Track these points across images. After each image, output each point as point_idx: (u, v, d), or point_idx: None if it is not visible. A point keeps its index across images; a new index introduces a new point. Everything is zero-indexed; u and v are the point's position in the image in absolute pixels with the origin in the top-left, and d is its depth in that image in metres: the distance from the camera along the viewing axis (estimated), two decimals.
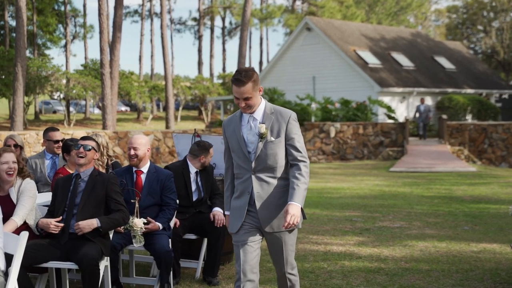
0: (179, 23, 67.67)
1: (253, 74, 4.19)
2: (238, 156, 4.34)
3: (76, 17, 55.69)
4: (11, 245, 4.45)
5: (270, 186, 4.28)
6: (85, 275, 4.91)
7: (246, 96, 4.18)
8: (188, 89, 46.41)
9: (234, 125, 4.36)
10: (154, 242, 5.65)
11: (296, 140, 4.28)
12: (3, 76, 35.00)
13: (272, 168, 4.27)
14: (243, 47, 35.90)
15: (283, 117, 4.27)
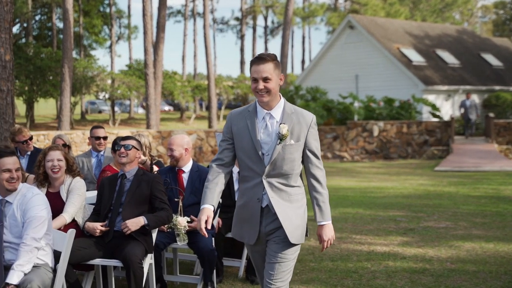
0: (221, 22, 68.06)
1: (276, 57, 3.84)
2: (249, 156, 3.86)
3: (120, 18, 56.62)
4: (59, 242, 4.55)
5: (283, 193, 3.87)
6: (129, 273, 4.98)
7: (265, 76, 3.74)
8: (231, 89, 46.63)
9: (248, 121, 3.88)
10: (198, 241, 5.69)
11: (315, 146, 3.91)
12: (51, 77, 35.82)
13: (287, 175, 3.86)
14: (285, 46, 35.85)
15: (306, 120, 3.88)
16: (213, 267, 5.76)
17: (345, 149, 24.85)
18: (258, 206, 3.87)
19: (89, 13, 47.07)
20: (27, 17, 43.38)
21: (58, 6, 43.12)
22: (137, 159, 5.52)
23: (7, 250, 4.33)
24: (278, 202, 3.84)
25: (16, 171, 4.37)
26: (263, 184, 3.84)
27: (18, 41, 41.09)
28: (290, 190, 3.89)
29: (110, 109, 44.08)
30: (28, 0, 42.31)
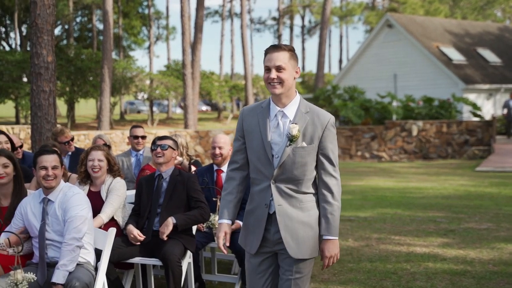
0: (258, 22, 68.14)
1: (293, 48, 3.51)
2: (258, 157, 3.52)
3: (159, 19, 57.21)
4: (100, 240, 4.62)
5: (292, 199, 3.50)
6: (168, 272, 5.03)
7: (279, 65, 3.41)
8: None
9: (259, 118, 3.54)
10: (236, 240, 5.71)
11: (331, 150, 3.52)
12: (91, 77, 36.42)
13: (298, 180, 3.49)
14: (322, 45, 35.70)
15: (321, 120, 3.49)
16: None
17: (383, 149, 24.61)
18: (265, 213, 3.52)
19: (128, 14, 47.69)
20: (68, 19, 44.18)
21: (98, 8, 43.81)
22: (173, 159, 5.55)
23: (50, 248, 4.42)
24: (284, 210, 3.48)
25: (52, 169, 4.44)
26: (270, 189, 3.50)
27: (59, 43, 41.89)
28: (301, 197, 3.52)
29: (148, 109, 44.57)
30: (69, 3, 43.10)
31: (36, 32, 9.35)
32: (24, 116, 38.35)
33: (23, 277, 3.65)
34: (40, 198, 4.49)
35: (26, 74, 33.38)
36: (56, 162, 4.49)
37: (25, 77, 34.21)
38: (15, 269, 3.65)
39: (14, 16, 40.31)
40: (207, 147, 20.91)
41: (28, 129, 19.29)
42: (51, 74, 9.51)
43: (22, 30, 42.61)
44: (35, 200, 4.52)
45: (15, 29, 41.98)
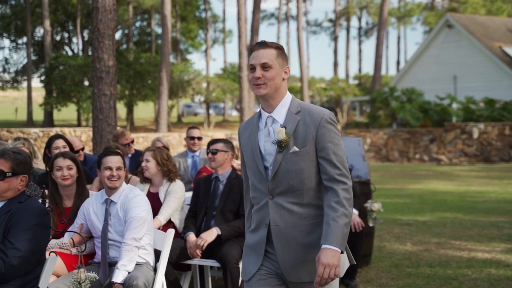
0: (315, 24, 67.91)
1: (282, 46, 3.15)
2: (254, 173, 3.15)
3: (216, 23, 57.76)
4: (159, 241, 4.69)
5: (294, 216, 3.04)
6: (226, 273, 5.06)
7: (264, 62, 3.04)
8: (324, 91, 46.43)
9: (250, 131, 3.18)
10: None
11: (331, 150, 3.00)
12: (150, 81, 37.10)
13: (297, 191, 3.04)
14: (379, 47, 35.26)
15: (313, 118, 3.03)
16: None
17: (442, 151, 24.09)
18: (265, 233, 3.10)
19: (186, 18, 48.34)
20: (128, 24, 45.16)
21: (157, 12, 44.60)
22: (228, 161, 5.56)
23: (112, 248, 4.52)
24: (282, 231, 3.05)
25: (117, 169, 4.55)
26: (268, 206, 3.09)
27: (119, 47, 42.85)
28: (305, 212, 3.04)
29: (205, 112, 45.05)
30: (129, 8, 44.05)
31: (97, 37, 9.59)
32: (85, 119, 39.44)
33: (86, 276, 3.75)
34: (103, 199, 4.61)
35: (87, 78, 34.29)
36: (120, 163, 4.59)
37: (87, 81, 35.14)
38: (79, 268, 3.74)
39: (77, 22, 41.50)
40: None
41: (90, 131, 19.81)
42: (111, 78, 9.74)
43: (84, 35, 43.82)
44: (97, 201, 4.63)
45: (77, 35, 43.20)
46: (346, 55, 61.79)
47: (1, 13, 42.59)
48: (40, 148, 17.50)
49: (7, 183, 3.67)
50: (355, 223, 6.30)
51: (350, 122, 39.67)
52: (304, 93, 37.85)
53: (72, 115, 45.70)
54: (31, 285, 3.59)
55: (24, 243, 3.53)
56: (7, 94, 59.67)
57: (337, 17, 60.32)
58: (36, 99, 46.83)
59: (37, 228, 3.61)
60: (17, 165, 3.71)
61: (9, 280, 3.50)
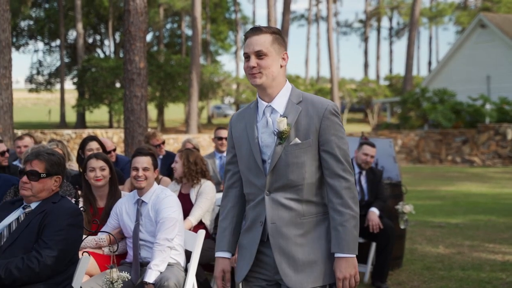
0: (345, 25, 67.59)
1: (278, 31, 2.93)
2: (248, 167, 2.93)
3: (245, 24, 57.89)
4: (190, 242, 4.72)
5: (292, 213, 2.85)
6: None
7: (259, 49, 2.83)
8: (354, 92, 46.17)
9: (247, 120, 2.97)
10: None
11: (335, 144, 2.84)
12: (180, 82, 37.37)
13: (296, 186, 2.85)
14: (411, 47, 34.92)
15: (317, 109, 2.85)
16: None
17: (475, 153, 23.73)
18: (259, 231, 2.90)
19: (216, 20, 48.57)
20: (159, 26, 45.55)
21: (187, 14, 44.89)
22: None
23: (143, 248, 4.56)
24: (278, 230, 2.85)
25: (143, 170, 4.59)
26: (264, 203, 2.88)
27: (150, 49, 43.26)
28: (304, 209, 2.85)
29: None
30: (159, 10, 44.44)
31: (129, 39, 9.70)
32: (117, 120, 39.89)
33: (118, 276, 3.78)
34: (135, 199, 4.65)
35: (119, 80, 34.69)
36: (147, 164, 4.62)
37: (118, 83, 35.56)
38: (111, 268, 3.78)
39: (109, 24, 42.02)
40: None
41: (121, 133, 20.02)
42: (143, 80, 9.83)
43: (115, 38, 44.34)
44: (129, 201, 4.68)
45: (109, 37, 43.74)
46: (377, 56, 61.34)
47: (35, 16, 43.37)
48: (72, 149, 17.76)
49: (42, 184, 3.73)
50: (373, 223, 6.25)
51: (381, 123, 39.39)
52: (334, 94, 37.68)
53: (104, 116, 46.27)
54: (65, 285, 3.65)
55: (58, 243, 3.58)
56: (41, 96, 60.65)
57: (367, 18, 59.92)
58: (69, 101, 47.54)
59: (70, 228, 3.66)
60: (51, 166, 3.78)
61: (43, 279, 3.56)
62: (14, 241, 3.62)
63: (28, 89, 46.08)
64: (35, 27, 43.18)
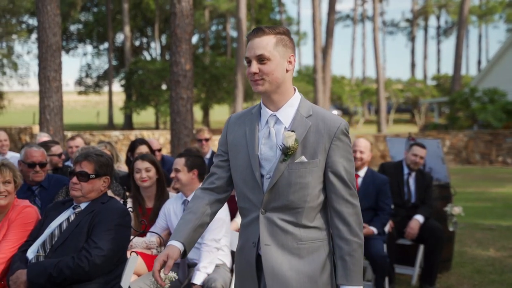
0: (391, 25, 66.79)
1: (284, 31, 2.63)
2: (244, 179, 2.68)
3: (290, 25, 57.85)
4: (236, 243, 4.72)
5: (288, 237, 2.61)
6: None
7: (260, 54, 2.57)
8: (400, 92, 45.57)
9: (247, 127, 2.71)
10: (369, 247, 5.61)
11: (343, 167, 2.61)
12: (225, 84, 37.58)
13: (296, 209, 2.60)
14: (459, 46, 34.25)
15: (328, 127, 2.60)
16: (385, 274, 5.64)
17: None
18: (253, 253, 2.66)
19: (261, 21, 48.68)
20: (204, 28, 45.93)
21: (232, 16, 45.14)
22: None
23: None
24: (272, 254, 2.61)
25: (175, 171, 4.63)
26: (258, 221, 2.64)
27: (196, 51, 43.65)
28: (301, 233, 2.61)
29: None
30: (205, 12, 44.81)
31: (175, 42, 9.80)
32: (163, 122, 40.38)
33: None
34: (182, 200, 4.69)
35: (165, 82, 35.12)
36: (178, 166, 4.65)
37: (165, 85, 36.00)
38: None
39: (155, 27, 42.58)
40: None
41: (167, 134, 20.26)
42: (188, 82, 9.92)
43: (162, 40, 44.92)
44: (177, 202, 4.72)
45: (155, 40, 44.33)
46: (424, 56, 60.41)
47: (84, 20, 44.33)
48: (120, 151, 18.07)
49: (91, 185, 3.80)
50: (411, 232, 6.15)
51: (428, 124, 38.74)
52: (380, 95, 37.27)
53: (151, 118, 46.91)
54: (113, 284, 3.70)
55: (106, 242, 3.64)
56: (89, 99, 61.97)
57: (414, 17, 59.06)
58: (116, 103, 48.39)
59: (118, 228, 3.72)
60: (100, 167, 3.85)
61: (92, 278, 3.63)
62: (65, 241, 3.70)
63: (78, 91, 47.15)
64: (84, 31, 44.14)
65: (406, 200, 6.41)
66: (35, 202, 4.94)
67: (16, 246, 3.84)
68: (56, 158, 6.20)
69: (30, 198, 4.83)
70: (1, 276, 3.78)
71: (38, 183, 5.10)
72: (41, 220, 3.95)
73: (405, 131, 30.04)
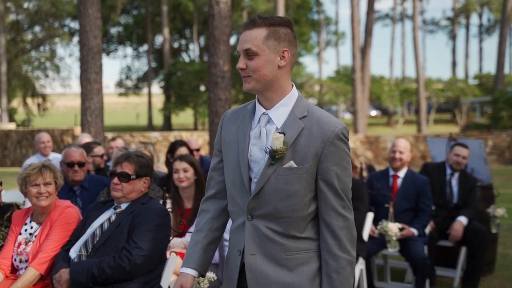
0: (431, 23, 65.86)
1: (280, 21, 2.38)
2: (233, 181, 2.48)
3: (328, 25, 57.59)
4: None
5: (275, 247, 2.38)
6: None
7: (247, 48, 2.36)
8: (441, 92, 44.88)
9: (240, 124, 2.49)
10: (410, 248, 5.54)
11: (336, 175, 2.36)
12: None
13: (283, 218, 2.38)
14: (502, 44, 33.54)
15: (322, 130, 2.35)
16: (426, 276, 5.55)
17: None
18: (237, 262, 2.47)
19: (299, 21, 48.59)
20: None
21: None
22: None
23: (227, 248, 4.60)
24: (257, 264, 2.39)
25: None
26: (244, 228, 2.44)
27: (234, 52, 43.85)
28: (289, 244, 2.38)
29: None
30: (243, 13, 44.96)
31: (213, 43, 9.86)
32: (201, 123, 40.66)
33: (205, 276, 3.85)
34: None
35: (204, 83, 35.36)
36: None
37: (203, 86, 36.25)
38: None
39: (193, 29, 42.92)
40: (377, 152, 20.61)
41: (206, 135, 20.39)
42: (226, 83, 9.96)
43: (200, 42, 45.24)
44: None
45: (194, 41, 44.69)
46: (465, 54, 59.36)
47: (124, 23, 44.98)
48: (159, 152, 18.26)
49: (131, 185, 3.85)
50: (455, 235, 6.04)
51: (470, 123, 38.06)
52: (420, 95, 36.77)
53: (189, 119, 47.29)
54: (153, 284, 3.74)
55: (147, 242, 3.68)
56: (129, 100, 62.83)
57: (455, 15, 58.12)
58: (155, 104, 48.94)
59: (158, 228, 3.76)
60: (141, 168, 3.89)
61: (133, 277, 3.67)
62: (106, 241, 3.75)
63: (118, 93, 47.88)
64: (124, 33, 44.79)
65: (448, 201, 6.32)
66: (77, 202, 5.02)
67: (59, 245, 3.91)
68: (99, 158, 6.31)
69: (72, 199, 4.91)
70: (45, 274, 3.86)
71: (78, 182, 5.19)
72: (82, 220, 4.01)
73: (446, 131, 29.57)
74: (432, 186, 6.00)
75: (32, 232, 4.02)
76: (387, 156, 5.95)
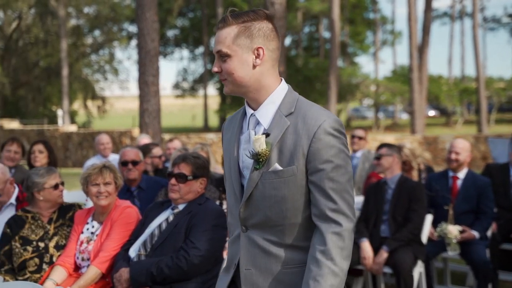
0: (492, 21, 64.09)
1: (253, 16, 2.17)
2: (229, 191, 2.33)
3: (384, 24, 56.83)
4: None
5: (272, 260, 2.19)
6: (399, 280, 4.94)
7: (218, 49, 2.17)
8: (502, 91, 43.64)
9: (233, 129, 2.32)
10: (471, 251, 5.40)
11: (326, 174, 2.11)
12: (318, 85, 37.49)
13: (276, 227, 2.18)
14: None
15: (307, 126, 2.12)
16: (488, 280, 5.40)
17: None
18: (229, 276, 2.32)
19: (354, 21, 48.16)
20: (297, 30, 46.01)
21: (325, 17, 44.96)
22: (395, 164, 5.42)
23: None
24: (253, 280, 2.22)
25: None
26: (239, 241, 2.26)
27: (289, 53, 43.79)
28: (285, 256, 2.18)
29: (373, 115, 44.50)
30: (297, 14, 44.90)
31: None
32: None
33: None
34: None
35: None
36: None
37: None
38: None
39: None
40: (435, 153, 20.22)
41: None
42: None
43: None
44: None
45: None
46: None
47: (181, 25, 45.63)
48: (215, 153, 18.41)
49: (188, 186, 3.89)
50: None
51: None
52: (480, 94, 35.84)
53: None
54: (210, 284, 3.77)
55: (204, 243, 3.72)
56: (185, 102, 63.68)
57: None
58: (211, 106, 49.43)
59: (215, 229, 3.79)
60: (197, 169, 3.93)
61: (190, 277, 3.71)
62: (164, 241, 3.81)
63: (174, 95, 48.60)
64: (180, 36, 45.43)
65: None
66: (134, 202, 5.11)
67: (119, 245, 3.99)
68: (157, 159, 6.41)
69: (129, 199, 5.01)
70: (106, 273, 3.95)
71: (134, 182, 5.28)
72: (141, 220, 4.08)
73: (508, 132, 28.70)
74: (495, 187, 5.83)
75: (94, 231, 4.12)
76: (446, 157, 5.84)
